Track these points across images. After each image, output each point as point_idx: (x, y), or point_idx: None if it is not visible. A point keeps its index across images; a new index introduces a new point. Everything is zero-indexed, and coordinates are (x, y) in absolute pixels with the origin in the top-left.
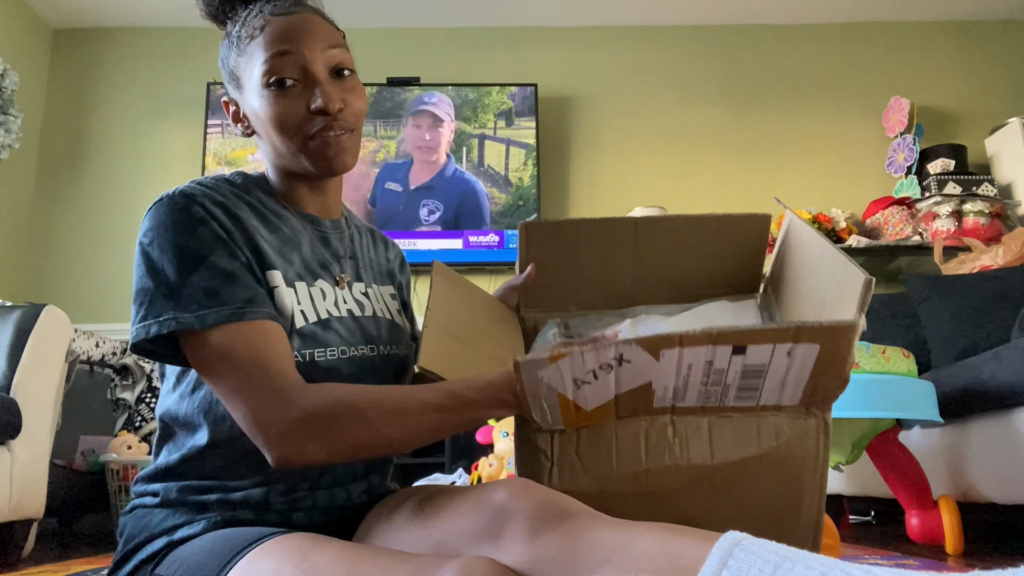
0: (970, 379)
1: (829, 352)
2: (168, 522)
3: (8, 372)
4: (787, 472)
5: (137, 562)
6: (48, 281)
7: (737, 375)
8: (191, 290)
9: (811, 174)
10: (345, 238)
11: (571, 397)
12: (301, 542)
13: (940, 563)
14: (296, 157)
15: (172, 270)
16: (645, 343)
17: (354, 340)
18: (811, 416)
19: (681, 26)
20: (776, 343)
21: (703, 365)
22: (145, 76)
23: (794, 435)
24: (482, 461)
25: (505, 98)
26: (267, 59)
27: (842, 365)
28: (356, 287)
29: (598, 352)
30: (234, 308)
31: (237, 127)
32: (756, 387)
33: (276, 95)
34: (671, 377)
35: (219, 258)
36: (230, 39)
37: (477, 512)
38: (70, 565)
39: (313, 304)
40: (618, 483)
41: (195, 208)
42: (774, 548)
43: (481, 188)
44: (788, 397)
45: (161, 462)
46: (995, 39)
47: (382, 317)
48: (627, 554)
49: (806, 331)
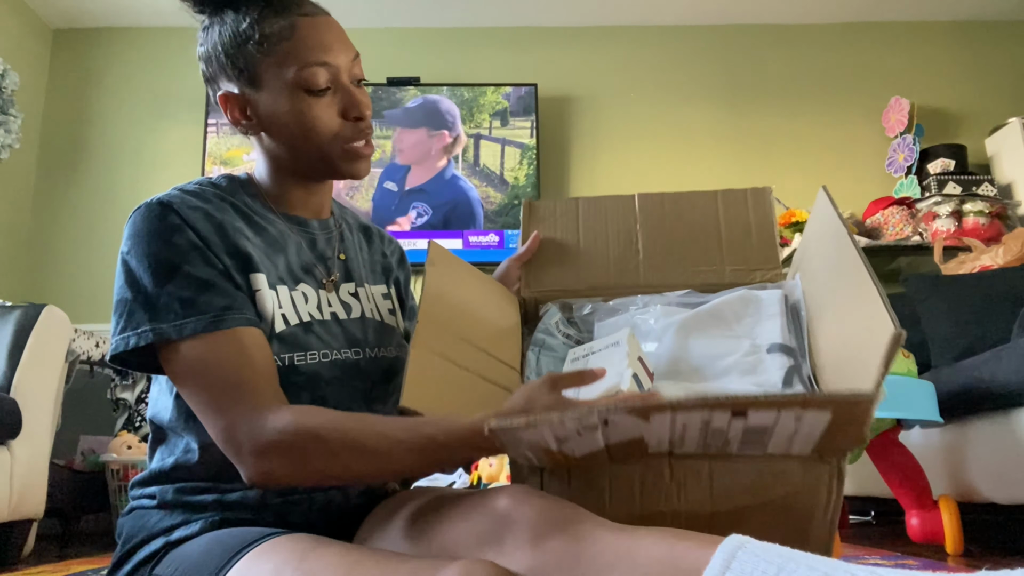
0: (970, 379)
1: (842, 419)
2: (165, 522)
3: (8, 372)
4: (792, 519)
5: (135, 563)
6: (48, 281)
7: (739, 433)
8: (167, 299)
9: (811, 174)
10: (333, 238)
11: (556, 450)
12: (300, 543)
13: (940, 563)
14: (321, 161)
15: (148, 280)
16: (633, 411)
17: (337, 344)
18: (824, 463)
19: (681, 26)
20: (782, 410)
21: (699, 424)
22: (145, 76)
23: (804, 483)
24: (482, 461)
25: (500, 98)
26: (305, 66)
27: (859, 430)
28: (345, 288)
29: (580, 418)
30: (211, 317)
31: (238, 126)
32: (762, 442)
33: (311, 100)
34: (665, 433)
35: (194, 267)
36: (240, 34)
37: (480, 518)
38: (70, 565)
39: (295, 307)
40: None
41: (171, 216)
42: (778, 551)
43: (475, 195)
44: (798, 450)
45: (155, 467)
46: (995, 39)
47: (371, 319)
48: (631, 559)
49: (816, 401)
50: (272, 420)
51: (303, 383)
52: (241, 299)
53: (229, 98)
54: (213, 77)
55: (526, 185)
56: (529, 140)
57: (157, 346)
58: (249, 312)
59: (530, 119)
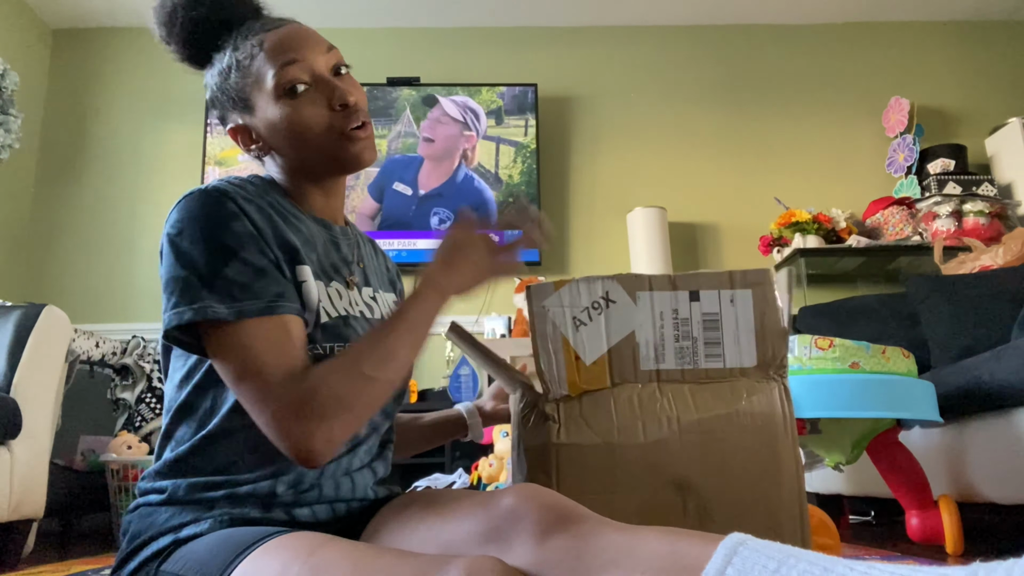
0: (970, 379)
1: (760, 297)
2: (174, 520)
3: (8, 372)
4: (761, 427)
5: (142, 560)
6: (48, 281)
7: (700, 326)
8: (223, 283)
9: (811, 174)
10: (352, 244)
11: (572, 343)
12: (307, 540)
13: (940, 563)
14: (324, 158)
15: (204, 262)
16: (623, 280)
17: None
18: (772, 380)
19: (681, 26)
20: (720, 289)
21: (671, 313)
22: (145, 76)
23: (761, 395)
24: (482, 461)
25: (495, 96)
26: (277, 70)
27: (775, 313)
28: (365, 291)
29: (590, 285)
30: (266, 302)
31: (251, 152)
32: (718, 341)
33: (294, 102)
34: (649, 327)
35: (250, 254)
36: (224, 70)
37: (485, 515)
38: (70, 565)
39: (331, 302)
40: (619, 435)
41: (228, 203)
42: (777, 547)
43: (490, 195)
44: (747, 357)
45: (170, 455)
46: (995, 39)
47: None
48: (633, 555)
49: (739, 276)
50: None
51: None
52: (291, 289)
53: (237, 130)
54: (222, 117)
55: (520, 183)
56: (524, 138)
57: (204, 326)
58: (296, 303)
59: (524, 117)
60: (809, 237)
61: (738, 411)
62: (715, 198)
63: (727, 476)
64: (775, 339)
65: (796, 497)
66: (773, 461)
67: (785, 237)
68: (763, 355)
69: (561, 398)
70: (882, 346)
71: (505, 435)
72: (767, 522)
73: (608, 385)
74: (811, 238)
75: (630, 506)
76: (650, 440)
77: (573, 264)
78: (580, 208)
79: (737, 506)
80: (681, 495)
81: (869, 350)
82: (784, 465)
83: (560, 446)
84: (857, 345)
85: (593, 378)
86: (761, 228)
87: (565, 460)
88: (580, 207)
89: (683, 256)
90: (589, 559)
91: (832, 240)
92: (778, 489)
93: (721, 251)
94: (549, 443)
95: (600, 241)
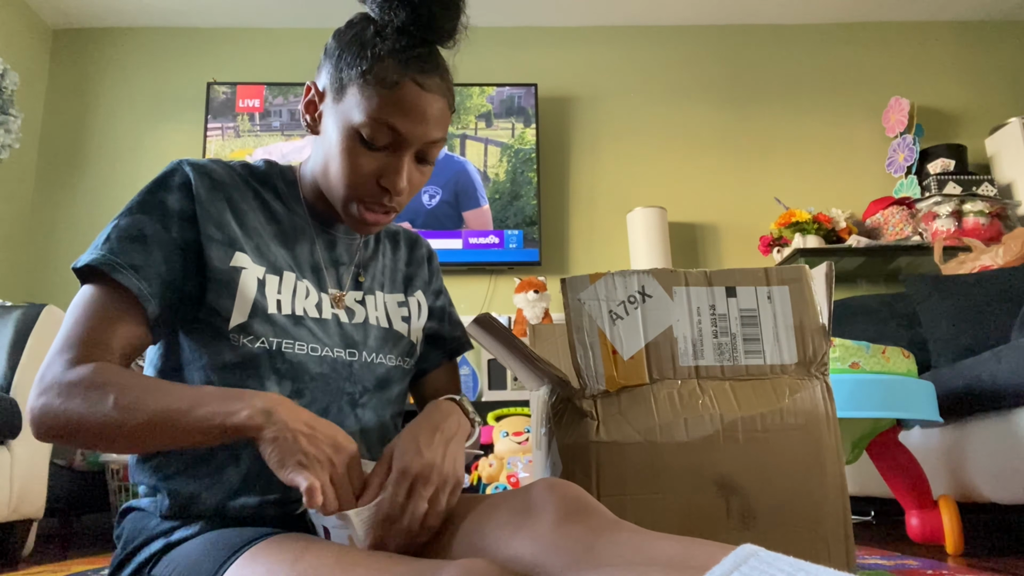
0: (970, 379)
1: (796, 294)
2: (165, 524)
3: (8, 372)
4: (804, 426)
5: (137, 565)
6: (48, 281)
7: (738, 322)
8: (107, 233)
9: (811, 174)
10: (354, 246)
11: (609, 336)
12: (296, 542)
13: (940, 563)
14: (331, 195)
15: (113, 224)
16: (658, 275)
17: (331, 342)
18: (813, 378)
19: (681, 26)
20: (756, 286)
21: (708, 309)
22: (145, 76)
23: (804, 393)
24: (482, 461)
25: (485, 101)
26: (377, 120)
27: (813, 310)
28: (352, 295)
29: (625, 279)
30: (112, 260)
31: (304, 119)
32: (757, 337)
33: (360, 147)
34: (687, 323)
35: (148, 220)
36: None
37: (515, 502)
38: (70, 565)
39: (293, 298)
40: (660, 433)
41: (173, 178)
42: (788, 561)
43: (471, 166)
44: (787, 354)
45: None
46: (995, 39)
47: (374, 324)
48: (643, 552)
49: (774, 273)
50: (80, 368)
51: (286, 371)
52: (160, 273)
53: (313, 94)
54: (320, 64)
55: (506, 181)
56: (510, 140)
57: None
58: (155, 287)
59: (511, 121)
60: (809, 237)
61: (781, 409)
62: (715, 198)
63: (771, 476)
64: (815, 336)
65: (840, 497)
66: (817, 461)
67: (785, 237)
68: (803, 352)
69: (599, 394)
70: (882, 346)
71: (505, 435)
72: (810, 523)
73: (647, 381)
74: (811, 238)
75: (673, 506)
76: (693, 439)
77: (573, 264)
78: (580, 208)
79: (780, 507)
80: (724, 495)
81: (869, 350)
82: (828, 465)
83: (600, 444)
84: (857, 345)
85: (631, 373)
86: (761, 228)
87: (606, 459)
88: (580, 207)
89: (683, 256)
90: (599, 550)
91: (832, 240)
92: (823, 489)
93: (721, 251)
94: (588, 441)
95: (600, 241)
